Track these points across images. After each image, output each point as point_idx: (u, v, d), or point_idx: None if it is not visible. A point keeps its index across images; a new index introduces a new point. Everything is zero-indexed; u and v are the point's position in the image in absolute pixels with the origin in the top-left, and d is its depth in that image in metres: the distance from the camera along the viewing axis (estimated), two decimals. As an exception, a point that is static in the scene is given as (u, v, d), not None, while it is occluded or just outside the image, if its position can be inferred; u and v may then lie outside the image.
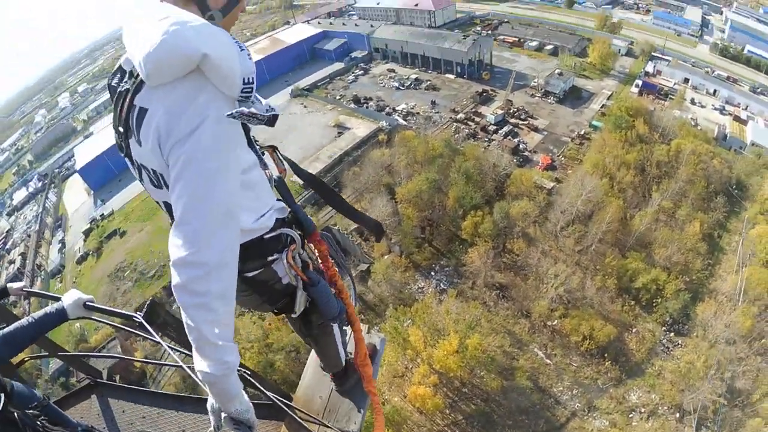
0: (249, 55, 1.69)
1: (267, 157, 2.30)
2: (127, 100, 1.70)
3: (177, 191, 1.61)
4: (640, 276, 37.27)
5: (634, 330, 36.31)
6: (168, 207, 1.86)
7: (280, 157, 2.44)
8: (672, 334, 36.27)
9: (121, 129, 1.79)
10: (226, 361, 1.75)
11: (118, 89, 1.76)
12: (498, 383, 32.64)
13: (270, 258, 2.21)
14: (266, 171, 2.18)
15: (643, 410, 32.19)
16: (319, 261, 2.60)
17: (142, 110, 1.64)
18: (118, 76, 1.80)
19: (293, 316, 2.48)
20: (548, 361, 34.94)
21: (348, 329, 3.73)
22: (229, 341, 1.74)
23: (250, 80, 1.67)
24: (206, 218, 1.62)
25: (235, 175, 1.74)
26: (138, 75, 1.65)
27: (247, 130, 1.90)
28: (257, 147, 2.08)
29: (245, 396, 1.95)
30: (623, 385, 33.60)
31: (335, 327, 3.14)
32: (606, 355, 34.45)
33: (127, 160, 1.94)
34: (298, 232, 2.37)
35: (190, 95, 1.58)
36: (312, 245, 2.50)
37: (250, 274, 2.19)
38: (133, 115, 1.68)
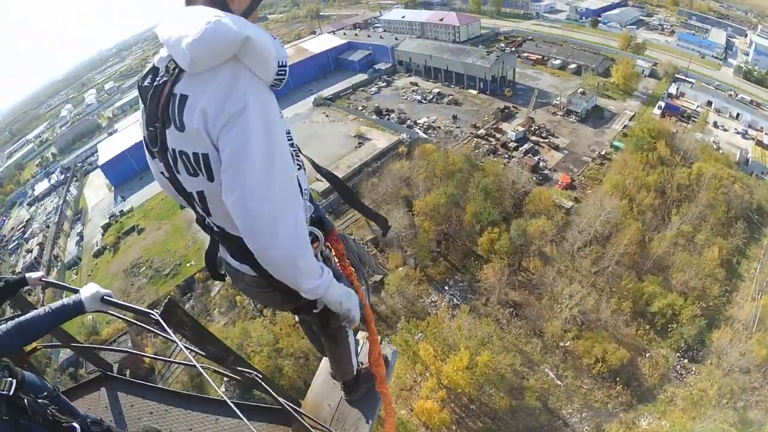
0: (281, 44, 1.83)
1: None
2: (165, 90, 1.79)
3: (235, 173, 1.74)
4: (656, 300, 36.70)
5: (647, 355, 35.69)
6: (200, 196, 1.98)
7: (301, 156, 2.50)
8: (686, 360, 35.61)
9: (157, 123, 1.85)
10: (325, 276, 2.15)
11: (154, 84, 1.84)
12: (507, 402, 32.25)
13: None
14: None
15: (652, 437, 31.64)
16: (336, 261, 2.71)
17: (183, 96, 1.74)
18: (151, 75, 1.89)
19: (315, 311, 2.49)
20: (559, 383, 34.48)
21: (360, 337, 3.78)
22: (318, 265, 2.11)
23: (284, 63, 1.81)
24: (270, 200, 1.78)
25: (287, 151, 1.89)
26: (175, 68, 1.75)
27: None
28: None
29: (342, 290, 2.33)
30: (634, 410, 32.97)
31: (350, 333, 3.18)
32: (618, 378, 33.88)
33: (154, 159, 2.05)
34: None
35: (232, 79, 1.68)
36: (329, 244, 2.61)
37: None
38: (174, 103, 1.76)
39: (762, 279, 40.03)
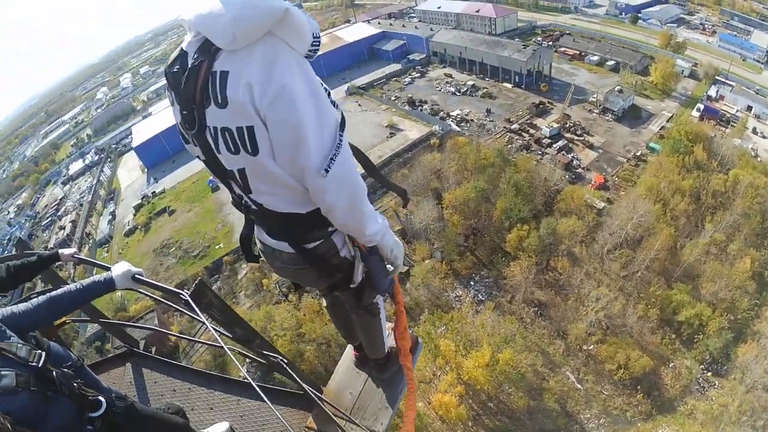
0: (310, 16, 1.89)
1: None
2: (203, 70, 1.81)
3: (294, 141, 1.84)
4: (683, 309, 36.07)
5: (671, 365, 35.15)
6: (241, 174, 2.02)
7: None
8: (709, 373, 34.93)
9: (194, 105, 1.89)
10: (382, 220, 2.31)
11: (189, 67, 1.86)
12: (525, 402, 32.20)
13: (331, 228, 2.28)
14: None
15: (669, 450, 31.22)
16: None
17: (224, 73, 1.77)
18: (180, 60, 1.92)
19: (352, 285, 2.57)
20: (579, 386, 34.24)
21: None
22: (375, 212, 2.24)
23: (318, 35, 1.88)
24: (333, 155, 1.91)
25: (333, 112, 1.99)
26: (211, 47, 1.79)
27: None
28: None
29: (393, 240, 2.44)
30: (652, 420, 32.53)
31: (382, 309, 3.23)
32: (639, 387, 33.50)
33: (189, 144, 2.14)
34: None
35: (273, 52, 1.75)
36: None
37: (311, 245, 2.29)
38: (215, 81, 1.79)
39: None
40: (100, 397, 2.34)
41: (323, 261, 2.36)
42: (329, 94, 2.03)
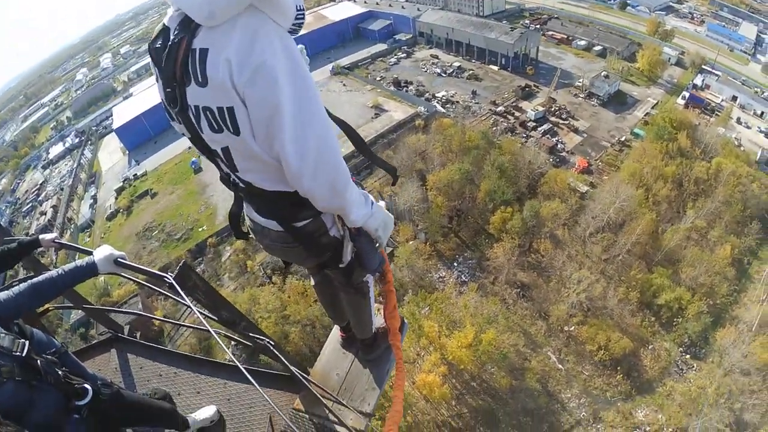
0: None
1: None
2: (183, 47, 1.74)
3: (273, 119, 1.74)
4: (663, 293, 36.63)
5: (650, 346, 35.78)
6: (225, 153, 1.96)
7: None
8: (688, 356, 35.63)
9: (175, 83, 1.81)
10: (368, 203, 2.26)
11: (169, 43, 1.78)
12: (507, 381, 32.59)
13: None
14: None
15: (648, 429, 31.75)
16: None
17: (203, 50, 1.69)
18: (162, 36, 1.84)
19: (341, 265, 2.53)
20: (560, 366, 34.74)
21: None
22: (361, 193, 2.21)
23: (302, 8, 1.81)
24: (313, 138, 1.81)
25: (316, 89, 1.86)
26: (191, 23, 1.71)
27: None
28: None
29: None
30: (632, 400, 33.21)
31: (371, 288, 3.19)
32: (619, 368, 34.07)
33: (174, 121, 2.03)
34: None
35: (253, 28, 1.66)
36: None
37: (300, 224, 2.25)
38: (194, 59, 1.72)
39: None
40: (86, 385, 2.34)
41: (312, 240, 2.32)
42: None
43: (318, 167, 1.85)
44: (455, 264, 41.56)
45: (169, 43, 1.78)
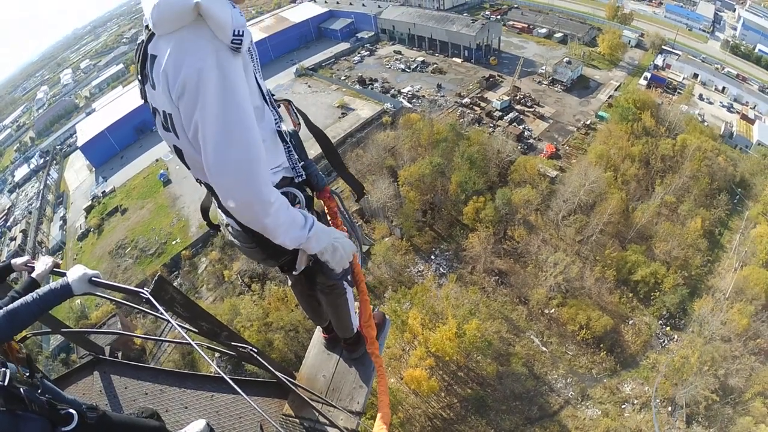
0: (241, 13, 1.82)
1: (282, 110, 2.43)
2: (142, 50, 1.88)
3: (197, 137, 1.82)
4: (639, 269, 37.31)
5: (630, 322, 36.46)
6: (178, 151, 2.07)
7: (295, 111, 2.56)
8: (668, 328, 36.47)
9: (140, 77, 1.96)
10: (307, 221, 2.18)
11: (138, 42, 1.92)
12: (493, 368, 32.87)
13: None
14: (280, 125, 2.30)
15: (635, 402, 32.46)
16: (329, 218, 2.71)
17: (152, 57, 1.81)
18: (142, 34, 1.92)
19: (294, 273, 2.52)
20: (544, 349, 35.14)
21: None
22: (295, 212, 2.14)
23: (240, 33, 1.77)
24: (229, 162, 1.82)
25: (247, 111, 1.85)
26: (149, 28, 1.80)
27: (259, 86, 2.09)
28: (273, 101, 2.25)
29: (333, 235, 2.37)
30: (617, 375, 33.86)
31: (348, 290, 3.18)
32: (602, 345, 34.66)
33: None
34: (308, 191, 2.47)
35: (189, 43, 1.71)
36: (322, 201, 2.65)
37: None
38: (151, 62, 1.84)
39: (742, 250, 40.71)
40: (71, 410, 2.29)
41: (268, 243, 2.26)
42: (261, 90, 2.08)
43: (236, 189, 1.88)
44: (432, 257, 41.70)
45: (138, 42, 1.92)
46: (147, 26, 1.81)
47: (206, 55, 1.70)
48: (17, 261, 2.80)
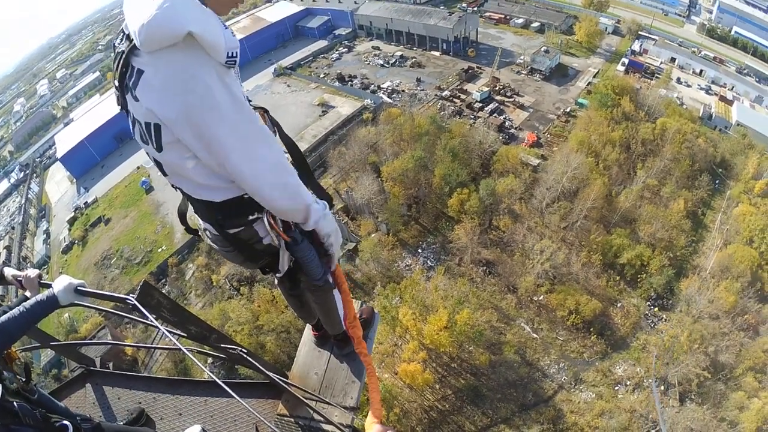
0: (233, 33, 1.82)
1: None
2: (122, 59, 1.79)
3: (212, 151, 1.86)
4: (624, 252, 37.76)
5: (619, 305, 36.87)
6: (156, 161, 2.04)
7: (270, 120, 2.53)
8: (656, 308, 36.97)
9: (117, 85, 1.89)
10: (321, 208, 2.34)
11: (116, 49, 1.85)
12: (486, 357, 33.08)
13: (251, 217, 2.25)
14: None
15: (628, 383, 32.89)
16: None
17: (139, 71, 1.75)
18: (120, 37, 1.86)
19: (278, 275, 2.60)
20: (535, 336, 35.41)
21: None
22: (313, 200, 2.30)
23: (234, 54, 1.79)
24: (258, 162, 1.94)
25: (254, 116, 1.99)
26: (132, 40, 1.73)
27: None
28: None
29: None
30: (609, 358, 34.23)
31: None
32: (592, 329, 35.02)
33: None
34: None
35: (183, 63, 1.69)
36: None
37: (232, 231, 2.26)
38: (132, 75, 1.78)
39: (725, 229, 41.38)
40: (65, 422, 2.28)
41: (246, 246, 2.35)
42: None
43: (274, 187, 2.03)
44: (419, 250, 41.78)
45: (116, 50, 1.85)
46: (129, 36, 1.77)
47: (206, 77, 1.71)
48: (9, 272, 2.81)
